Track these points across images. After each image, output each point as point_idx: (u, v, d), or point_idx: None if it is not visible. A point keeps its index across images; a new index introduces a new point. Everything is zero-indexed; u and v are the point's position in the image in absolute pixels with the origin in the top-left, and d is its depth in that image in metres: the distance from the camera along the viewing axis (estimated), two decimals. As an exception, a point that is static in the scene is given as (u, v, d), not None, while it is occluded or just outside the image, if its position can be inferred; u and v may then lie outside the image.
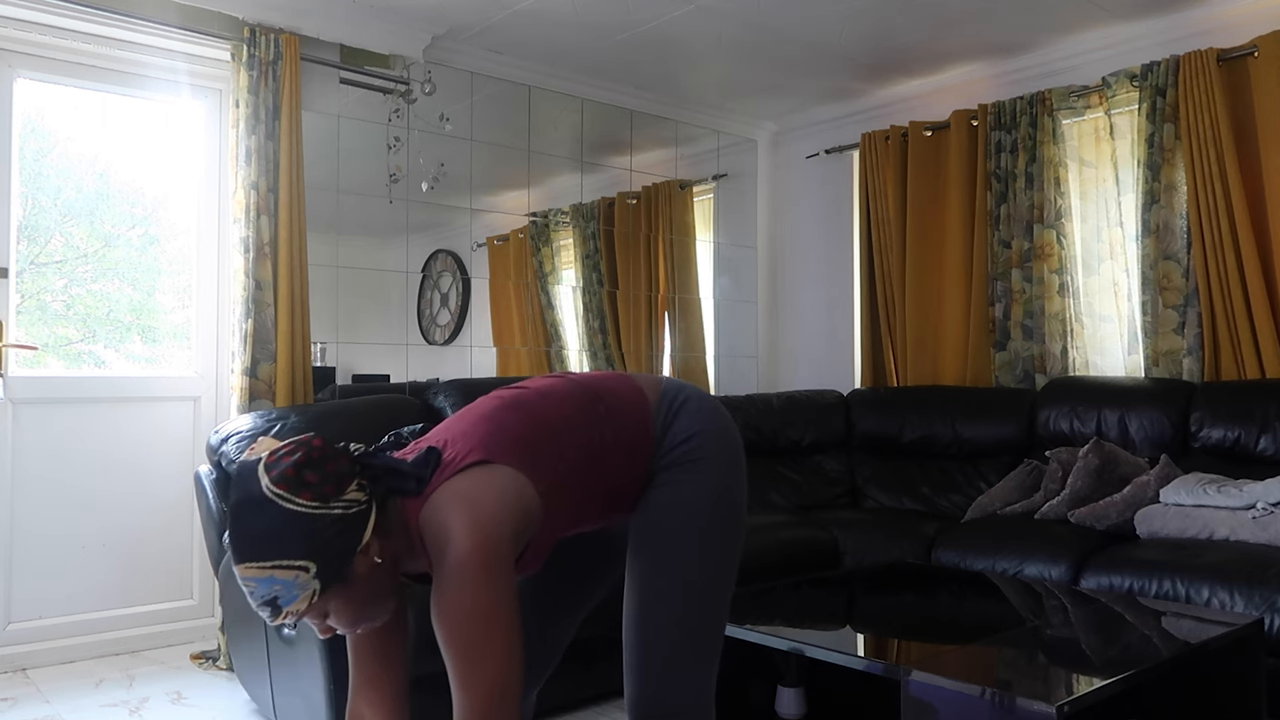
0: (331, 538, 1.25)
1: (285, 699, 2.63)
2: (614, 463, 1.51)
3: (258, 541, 1.25)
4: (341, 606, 1.31)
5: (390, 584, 1.36)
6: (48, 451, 3.40)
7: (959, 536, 3.27)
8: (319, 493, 1.26)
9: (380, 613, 1.37)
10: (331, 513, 1.26)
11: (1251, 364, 3.52)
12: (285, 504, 1.24)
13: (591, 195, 4.82)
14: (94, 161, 3.68)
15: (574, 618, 1.75)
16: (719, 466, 1.54)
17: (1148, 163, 3.79)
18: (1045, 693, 1.69)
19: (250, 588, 1.26)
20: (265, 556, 1.24)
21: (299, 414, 3.13)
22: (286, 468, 1.26)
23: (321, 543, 1.25)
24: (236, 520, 1.26)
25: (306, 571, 1.25)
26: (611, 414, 1.52)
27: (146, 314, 3.81)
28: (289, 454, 1.28)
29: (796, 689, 2.43)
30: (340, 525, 1.26)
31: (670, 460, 1.54)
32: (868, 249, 4.77)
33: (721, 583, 1.55)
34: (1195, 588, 2.64)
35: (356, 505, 1.28)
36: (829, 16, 3.84)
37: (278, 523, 1.24)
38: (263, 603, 1.27)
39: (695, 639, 1.51)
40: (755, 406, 4.31)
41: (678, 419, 1.55)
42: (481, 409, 1.48)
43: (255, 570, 1.25)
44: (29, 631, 3.34)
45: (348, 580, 1.29)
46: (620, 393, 1.56)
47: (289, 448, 1.29)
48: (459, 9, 3.76)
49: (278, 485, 1.25)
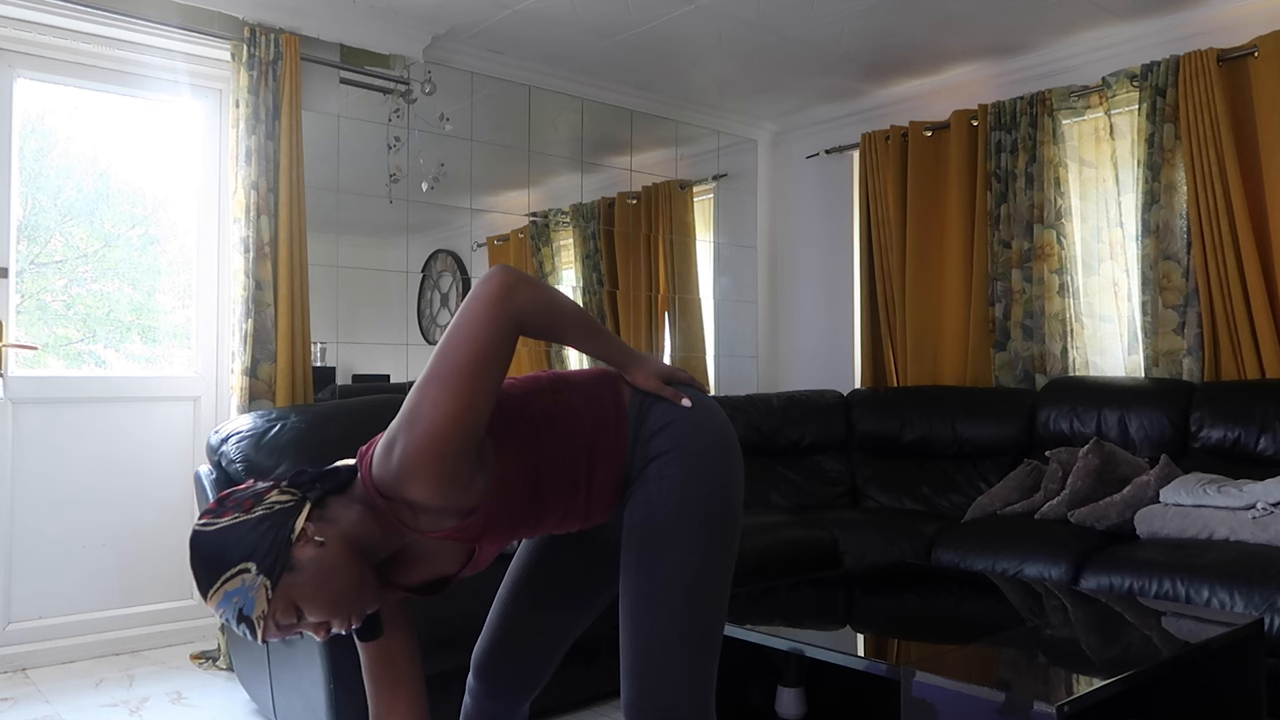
0: (260, 536, 1.31)
1: (285, 699, 2.63)
2: (579, 433, 1.48)
3: (203, 567, 1.32)
4: (306, 595, 1.32)
5: (350, 568, 1.36)
6: (48, 451, 3.40)
7: (959, 536, 3.27)
8: (238, 507, 1.35)
9: (356, 597, 1.37)
10: (253, 516, 1.33)
11: (1251, 364, 3.52)
12: (211, 528, 1.33)
13: (591, 195, 4.82)
14: (94, 161, 3.68)
15: (574, 623, 1.73)
16: (708, 462, 1.49)
17: (1148, 163, 3.79)
18: (1045, 693, 1.69)
19: (222, 614, 1.33)
20: (213, 579, 1.31)
21: (299, 414, 3.13)
22: (209, 503, 1.39)
23: (251, 543, 1.31)
24: (192, 568, 1.34)
25: (249, 571, 1.30)
26: (572, 389, 1.52)
27: (146, 314, 3.81)
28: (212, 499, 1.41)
29: (796, 689, 2.43)
30: (266, 523, 1.32)
31: (651, 453, 1.49)
32: (868, 249, 4.77)
33: (717, 583, 1.50)
34: (1195, 588, 2.64)
35: (280, 504, 1.35)
36: (829, 16, 3.84)
37: (211, 545, 1.32)
38: (236, 621, 1.32)
39: (690, 642, 1.46)
40: (755, 406, 4.31)
41: (657, 404, 1.52)
42: None
43: (214, 597, 1.31)
44: (29, 631, 3.34)
45: (294, 567, 1.31)
46: (590, 375, 1.56)
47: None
48: (459, 9, 3.76)
49: (202, 517, 1.36)
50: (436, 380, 1.31)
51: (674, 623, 1.46)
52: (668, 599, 1.46)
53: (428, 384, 1.32)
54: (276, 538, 1.31)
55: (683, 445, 1.49)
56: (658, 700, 1.45)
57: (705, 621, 1.48)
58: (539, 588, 1.71)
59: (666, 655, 1.45)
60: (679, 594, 1.46)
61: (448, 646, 2.38)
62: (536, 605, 1.71)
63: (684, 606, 1.46)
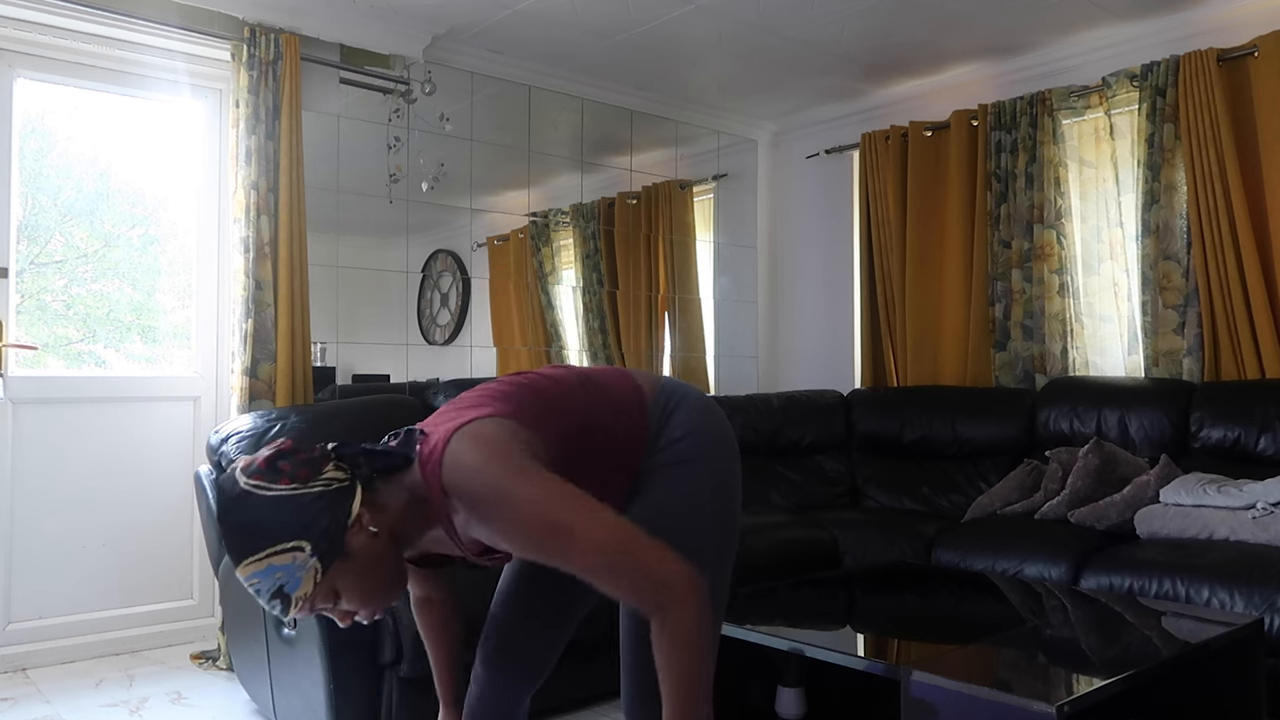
0: (318, 514, 1.27)
1: (285, 699, 2.63)
2: (604, 443, 1.50)
3: (248, 534, 1.26)
4: (350, 585, 1.31)
5: (394, 560, 1.36)
6: (48, 451, 3.40)
7: (959, 536, 3.27)
8: (295, 475, 1.28)
9: (390, 591, 1.37)
10: (311, 490, 1.28)
11: (1251, 364, 3.52)
12: (264, 492, 1.27)
13: (591, 195, 4.82)
14: (94, 161, 3.68)
15: (570, 618, 1.75)
16: (713, 468, 1.55)
17: (1148, 163, 3.79)
18: (1045, 693, 1.69)
19: (255, 584, 1.27)
20: (258, 548, 1.26)
21: (299, 414, 3.13)
22: (259, 462, 1.30)
23: (309, 520, 1.26)
24: (225, 523, 1.28)
25: (302, 550, 1.26)
26: (602, 393, 1.53)
27: (146, 314, 3.81)
28: (261, 454, 1.32)
29: (796, 689, 2.43)
30: (323, 502, 1.28)
31: (664, 459, 1.54)
32: (868, 249, 4.77)
33: (719, 582, 1.55)
34: (1195, 588, 2.64)
35: (337, 482, 1.31)
36: (829, 16, 3.84)
37: (262, 511, 1.26)
38: (271, 596, 1.27)
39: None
40: (755, 406, 4.31)
41: (674, 416, 1.56)
42: (485, 386, 1.51)
43: (254, 565, 1.26)
44: (29, 631, 3.34)
45: (347, 555, 1.29)
46: (614, 381, 1.57)
47: (261, 451, 1.34)
48: (459, 9, 3.76)
49: (253, 478, 1.28)
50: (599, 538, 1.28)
51: None
52: None
53: (593, 527, 1.27)
54: (334, 521, 1.28)
55: (695, 455, 1.54)
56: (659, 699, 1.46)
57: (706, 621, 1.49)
58: (540, 576, 1.72)
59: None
60: None
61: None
62: (538, 593, 1.72)
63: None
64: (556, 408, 1.46)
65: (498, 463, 1.28)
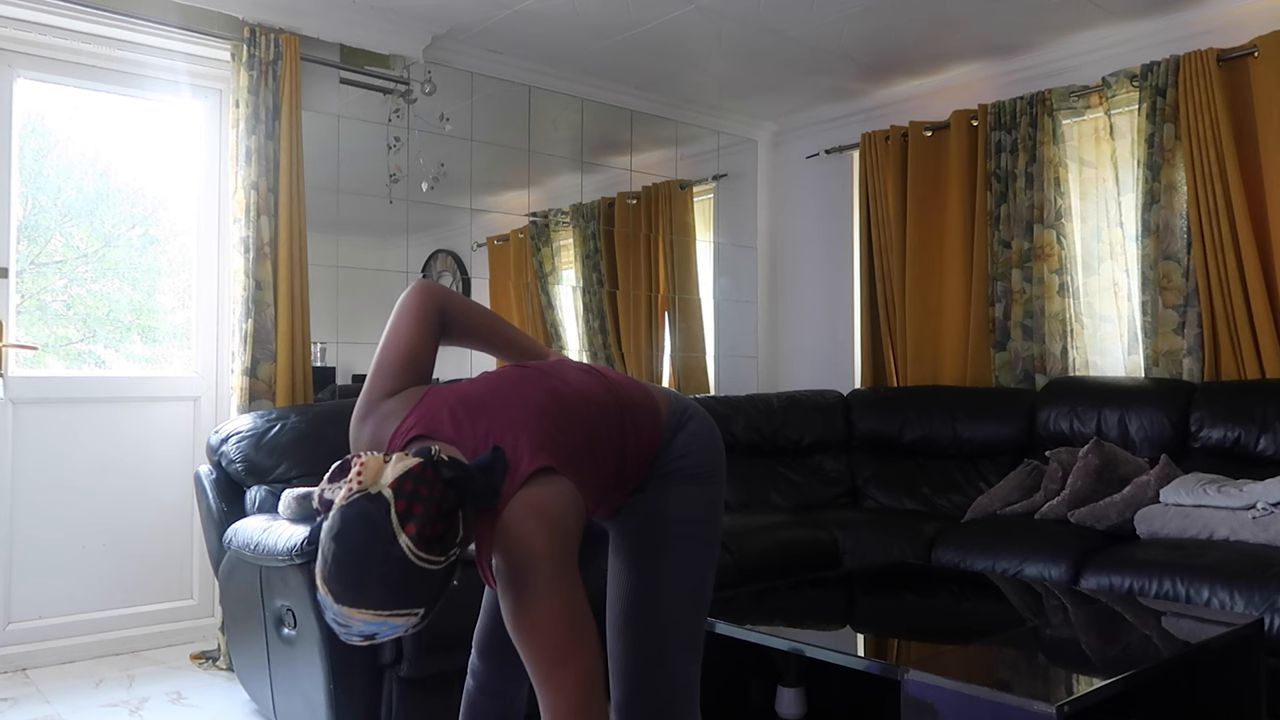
0: (444, 581, 1.26)
1: (285, 699, 2.63)
2: (623, 466, 1.56)
3: (389, 592, 1.21)
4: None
5: None
6: (48, 451, 3.40)
7: (959, 536, 3.27)
8: (447, 546, 1.25)
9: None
10: (447, 563, 1.26)
11: (1251, 364, 3.52)
12: (423, 565, 1.22)
13: (591, 195, 4.82)
14: (94, 161, 3.68)
15: None
16: (712, 482, 1.62)
17: (1148, 163, 3.79)
18: (1045, 693, 1.69)
19: (351, 625, 1.23)
20: (387, 606, 1.22)
21: (299, 414, 3.14)
22: (425, 526, 1.22)
23: (437, 591, 1.26)
24: (358, 566, 1.21)
25: (416, 615, 1.25)
26: (637, 430, 1.57)
27: (146, 314, 3.81)
28: (421, 503, 1.22)
29: (796, 689, 2.43)
30: (451, 569, 1.28)
31: (668, 470, 1.59)
32: (868, 249, 4.77)
33: (706, 588, 1.61)
34: (1195, 588, 2.64)
35: (459, 549, 1.29)
36: (829, 16, 3.84)
37: (410, 579, 1.21)
38: (360, 636, 1.25)
39: (679, 644, 1.56)
40: (755, 406, 4.31)
41: (682, 433, 1.62)
42: (532, 396, 1.49)
43: (374, 616, 1.22)
44: (29, 631, 3.34)
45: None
46: (642, 406, 1.61)
47: (415, 490, 1.23)
48: (459, 9, 3.76)
49: (419, 548, 1.21)
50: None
51: (665, 626, 1.55)
52: (666, 603, 1.55)
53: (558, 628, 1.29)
54: (447, 582, 1.28)
55: (699, 471, 1.61)
56: (648, 701, 1.54)
57: (693, 624, 1.58)
58: None
59: (658, 657, 1.54)
60: (675, 599, 1.56)
61: (447, 648, 2.37)
62: None
63: (679, 611, 1.56)
64: (598, 454, 1.50)
65: (548, 563, 1.30)
